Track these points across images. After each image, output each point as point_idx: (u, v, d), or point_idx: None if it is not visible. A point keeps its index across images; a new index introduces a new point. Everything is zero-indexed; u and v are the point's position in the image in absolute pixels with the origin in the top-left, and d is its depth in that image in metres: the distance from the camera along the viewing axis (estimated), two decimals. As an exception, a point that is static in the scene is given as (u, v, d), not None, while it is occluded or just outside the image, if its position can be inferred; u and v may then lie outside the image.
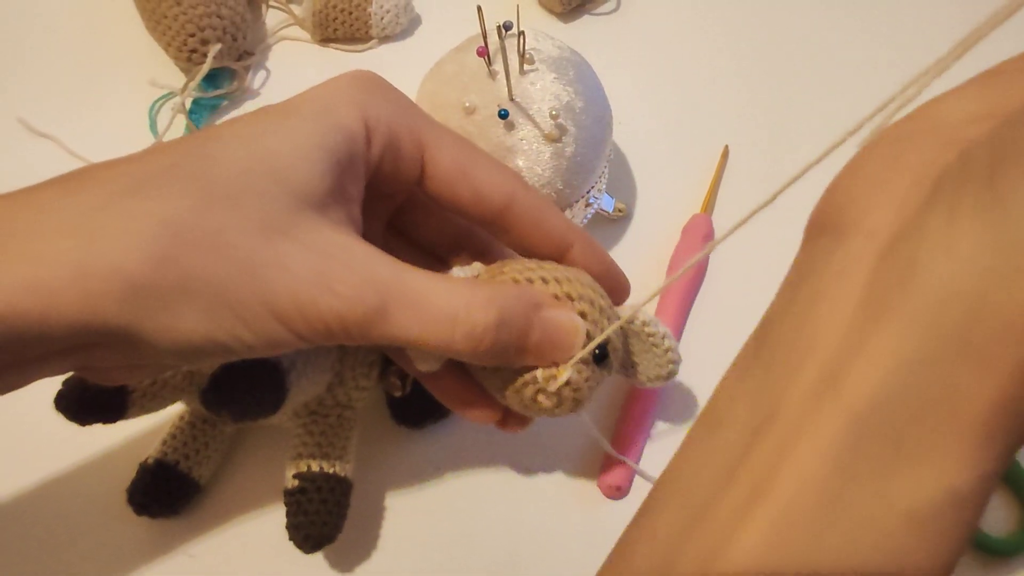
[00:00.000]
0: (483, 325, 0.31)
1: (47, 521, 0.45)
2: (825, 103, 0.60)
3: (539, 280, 0.34)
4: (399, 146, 0.34)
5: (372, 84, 0.35)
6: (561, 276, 0.34)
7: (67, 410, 0.39)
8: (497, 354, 0.32)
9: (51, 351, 0.29)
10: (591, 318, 0.34)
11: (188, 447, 0.44)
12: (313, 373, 0.39)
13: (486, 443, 0.47)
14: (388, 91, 0.35)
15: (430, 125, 0.36)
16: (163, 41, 0.58)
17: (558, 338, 0.33)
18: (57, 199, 0.28)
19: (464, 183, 0.35)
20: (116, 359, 0.30)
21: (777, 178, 0.24)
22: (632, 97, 0.58)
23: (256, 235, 0.29)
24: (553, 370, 0.34)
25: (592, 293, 0.35)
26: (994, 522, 0.45)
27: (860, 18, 0.64)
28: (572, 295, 0.34)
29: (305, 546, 0.40)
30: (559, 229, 0.37)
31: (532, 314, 0.32)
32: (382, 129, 0.34)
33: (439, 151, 0.35)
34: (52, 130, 0.57)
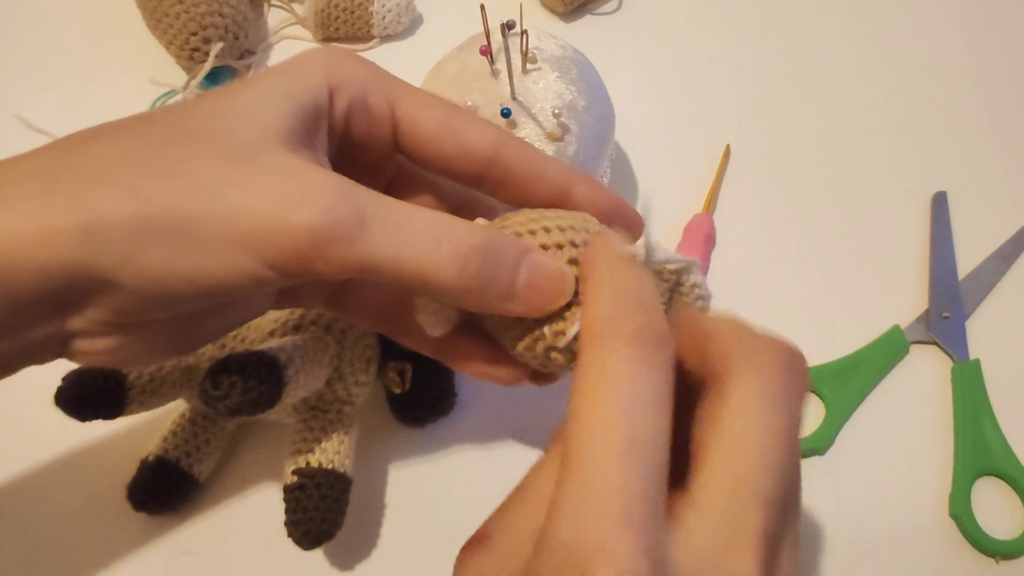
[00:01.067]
0: (469, 244, 0.29)
1: (47, 517, 0.45)
2: (826, 102, 0.60)
3: (541, 230, 0.32)
4: (367, 101, 0.34)
5: (340, 51, 0.35)
6: (565, 224, 0.33)
7: (66, 406, 0.39)
8: (484, 287, 0.30)
9: (25, 316, 0.28)
10: None
11: (189, 444, 0.44)
12: (312, 368, 0.39)
13: (486, 439, 0.47)
14: (357, 58, 0.35)
15: (403, 85, 0.35)
16: (165, 39, 0.58)
17: (545, 284, 0.31)
18: (29, 153, 0.29)
19: (448, 137, 0.34)
20: (97, 318, 0.29)
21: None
22: (634, 96, 0.58)
23: (219, 161, 0.28)
24: (561, 324, 0.32)
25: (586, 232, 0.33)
26: (998, 525, 0.45)
27: (861, 17, 0.64)
28: (576, 241, 0.32)
29: (304, 543, 0.40)
30: (555, 173, 0.35)
31: (519, 256, 0.31)
32: (346, 86, 0.33)
33: (416, 109, 0.34)
34: (52, 127, 0.57)
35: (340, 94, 0.33)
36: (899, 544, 0.45)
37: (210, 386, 0.34)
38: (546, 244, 0.32)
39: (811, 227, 0.55)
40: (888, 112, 0.60)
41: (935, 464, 0.47)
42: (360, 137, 0.35)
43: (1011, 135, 0.59)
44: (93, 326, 0.30)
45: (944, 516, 0.46)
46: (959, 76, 0.62)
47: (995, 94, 0.61)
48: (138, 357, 0.32)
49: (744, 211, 0.56)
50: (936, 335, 0.51)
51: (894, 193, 0.57)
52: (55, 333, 0.29)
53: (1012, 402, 0.49)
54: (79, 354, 0.31)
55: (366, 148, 0.35)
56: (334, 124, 0.34)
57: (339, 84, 0.33)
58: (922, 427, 0.49)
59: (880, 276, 0.54)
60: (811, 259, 0.54)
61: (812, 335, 0.51)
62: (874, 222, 0.56)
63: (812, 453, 0.47)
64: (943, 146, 0.59)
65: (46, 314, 0.28)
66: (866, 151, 0.58)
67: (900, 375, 0.50)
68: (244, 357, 0.35)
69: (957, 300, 0.52)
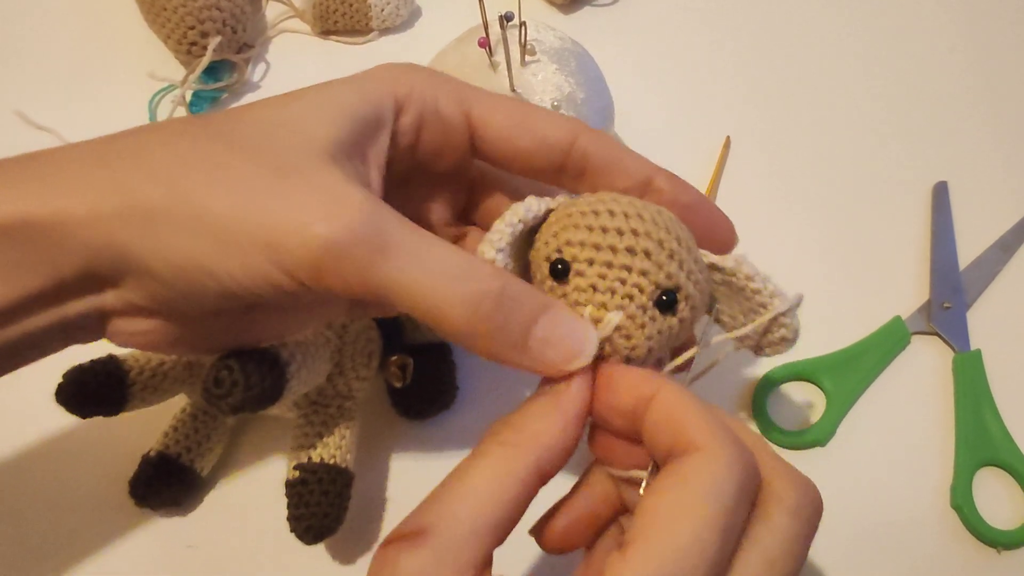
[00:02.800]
0: (486, 288, 0.28)
1: (50, 513, 0.45)
2: (826, 93, 0.60)
3: (606, 212, 0.31)
4: (439, 110, 0.34)
5: (409, 64, 0.35)
6: (631, 211, 0.31)
7: (67, 403, 0.39)
8: (494, 334, 0.29)
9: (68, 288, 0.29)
10: (655, 259, 0.30)
11: (190, 439, 0.44)
12: (313, 364, 0.39)
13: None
14: (426, 69, 0.35)
15: (474, 90, 0.35)
16: (162, 33, 0.58)
17: (562, 342, 0.29)
18: (86, 141, 0.31)
19: (524, 132, 0.34)
20: (132, 300, 0.30)
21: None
22: (633, 88, 0.58)
23: (263, 170, 0.29)
24: (602, 312, 0.30)
25: (660, 231, 0.31)
26: (1000, 515, 0.45)
27: (861, 8, 0.64)
28: (639, 231, 0.30)
29: (306, 537, 0.40)
30: (633, 163, 0.34)
31: (540, 309, 0.29)
32: (416, 96, 0.33)
33: (490, 110, 0.34)
34: (51, 123, 0.57)
35: (409, 106, 0.33)
36: (900, 535, 0.45)
37: (212, 384, 0.34)
38: (606, 227, 0.31)
39: (811, 218, 0.55)
40: (889, 102, 0.60)
41: (936, 455, 0.47)
42: (433, 146, 0.35)
43: (1012, 125, 0.59)
44: (129, 307, 0.31)
45: (946, 507, 0.46)
46: (959, 66, 0.62)
47: (996, 83, 0.61)
48: (174, 345, 0.33)
49: (744, 202, 0.55)
50: (937, 326, 0.51)
51: (895, 183, 0.57)
52: (94, 309, 0.31)
53: (1013, 392, 0.49)
54: (116, 334, 0.32)
55: (440, 156, 0.35)
56: (402, 137, 0.34)
57: (408, 96, 0.33)
58: (923, 418, 0.49)
59: (881, 267, 0.53)
60: (812, 250, 0.54)
61: (813, 326, 0.50)
62: (875, 213, 0.55)
63: (813, 444, 0.47)
64: (944, 136, 0.59)
65: (86, 288, 0.30)
66: (866, 141, 0.58)
67: (901, 366, 0.50)
68: (245, 354, 0.35)
69: (958, 290, 0.52)
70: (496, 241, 0.32)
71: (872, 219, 0.55)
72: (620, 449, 0.31)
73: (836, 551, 0.45)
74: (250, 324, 0.34)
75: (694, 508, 0.25)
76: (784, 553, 0.27)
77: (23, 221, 0.28)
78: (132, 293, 0.30)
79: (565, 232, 0.31)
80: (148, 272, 0.29)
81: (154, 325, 0.32)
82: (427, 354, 0.46)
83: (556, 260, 0.31)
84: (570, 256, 0.31)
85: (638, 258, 0.30)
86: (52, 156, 0.30)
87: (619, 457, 0.31)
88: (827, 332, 0.50)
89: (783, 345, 0.35)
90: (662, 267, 0.31)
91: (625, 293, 0.30)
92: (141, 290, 0.30)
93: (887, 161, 0.57)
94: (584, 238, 0.31)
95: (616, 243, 0.30)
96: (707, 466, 0.26)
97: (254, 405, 0.35)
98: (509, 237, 0.32)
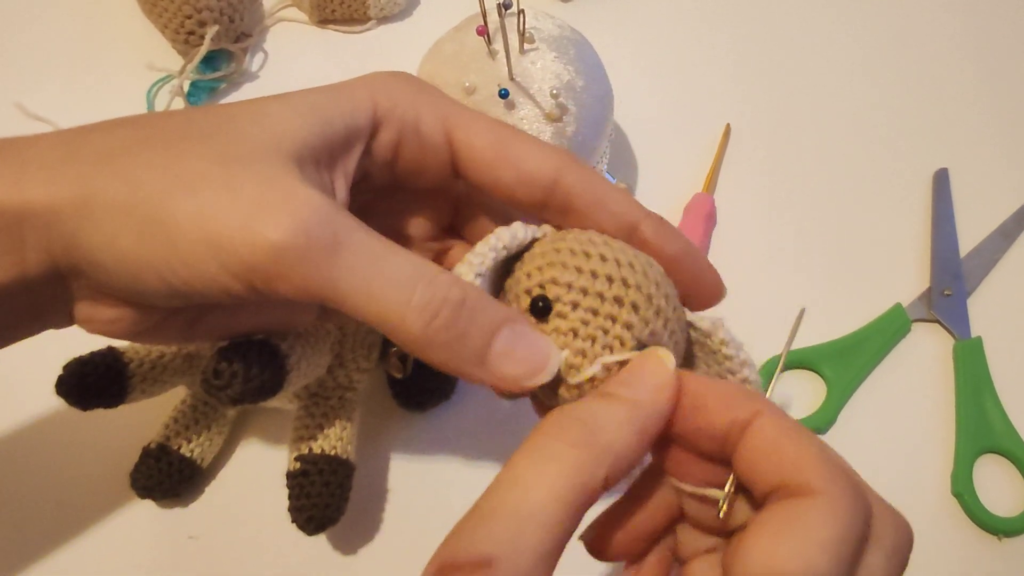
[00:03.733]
0: (443, 297, 0.27)
1: (51, 505, 0.45)
2: (827, 80, 0.60)
3: (597, 256, 0.30)
4: (420, 129, 0.33)
5: (394, 76, 0.33)
6: (623, 259, 0.30)
7: (68, 395, 0.39)
8: (451, 344, 0.27)
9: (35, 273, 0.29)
10: (642, 314, 0.30)
11: (190, 430, 0.44)
12: (313, 356, 0.39)
13: (488, 424, 0.47)
14: (413, 81, 0.34)
15: (460, 109, 0.33)
16: (160, 23, 0.58)
17: (525, 356, 0.28)
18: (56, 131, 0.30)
19: (505, 162, 0.32)
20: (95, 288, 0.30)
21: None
22: (633, 76, 0.58)
23: (209, 161, 0.28)
24: (579, 359, 0.29)
25: (650, 286, 0.30)
26: (1000, 502, 0.45)
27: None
28: (629, 282, 0.30)
29: (308, 528, 0.40)
30: (619, 206, 0.32)
31: (501, 321, 0.28)
32: (397, 113, 0.32)
33: (472, 134, 0.33)
34: (48, 114, 0.57)
35: (389, 121, 0.32)
36: (901, 522, 0.45)
37: (212, 375, 0.34)
38: (596, 272, 0.30)
39: (812, 206, 0.55)
40: (889, 89, 0.60)
41: (937, 442, 0.47)
42: (413, 164, 0.34)
43: (1013, 112, 0.59)
44: (93, 295, 0.30)
45: (946, 494, 0.46)
46: (960, 53, 0.61)
47: (997, 70, 0.61)
48: (144, 335, 0.32)
49: (745, 190, 0.55)
50: (938, 313, 0.51)
51: (895, 171, 0.56)
52: (62, 295, 0.31)
53: (1014, 379, 0.49)
54: (84, 322, 0.32)
55: (420, 175, 0.34)
56: (380, 153, 0.33)
57: (389, 110, 0.32)
58: (924, 405, 0.49)
59: (881, 254, 0.53)
60: (812, 238, 0.54)
61: (813, 314, 0.50)
62: (875, 200, 0.55)
63: (814, 432, 0.47)
64: (944, 123, 0.58)
65: (51, 278, 0.29)
66: (867, 129, 0.58)
67: (902, 353, 0.50)
68: (245, 345, 0.35)
69: (959, 278, 0.52)
70: (477, 265, 0.30)
71: (873, 206, 0.55)
72: (697, 467, 0.29)
73: (837, 539, 0.45)
74: (218, 319, 0.33)
75: (818, 561, 0.24)
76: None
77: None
78: (92, 283, 0.30)
79: (551, 269, 0.30)
80: (99, 266, 0.28)
81: (120, 314, 0.31)
82: (427, 344, 0.46)
83: (538, 296, 0.30)
84: (554, 295, 0.30)
85: (624, 310, 0.30)
86: (24, 145, 0.29)
87: (694, 473, 0.29)
88: (827, 320, 0.50)
89: None
90: (648, 323, 0.30)
91: (605, 344, 0.29)
92: (97, 281, 0.29)
93: (888, 148, 0.57)
94: (572, 280, 0.30)
95: (605, 291, 0.30)
96: (830, 516, 0.25)
97: (254, 397, 0.35)
98: (491, 262, 0.31)
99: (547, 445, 0.26)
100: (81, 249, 0.28)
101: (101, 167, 0.28)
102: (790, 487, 0.26)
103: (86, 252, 0.28)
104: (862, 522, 0.25)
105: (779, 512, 0.25)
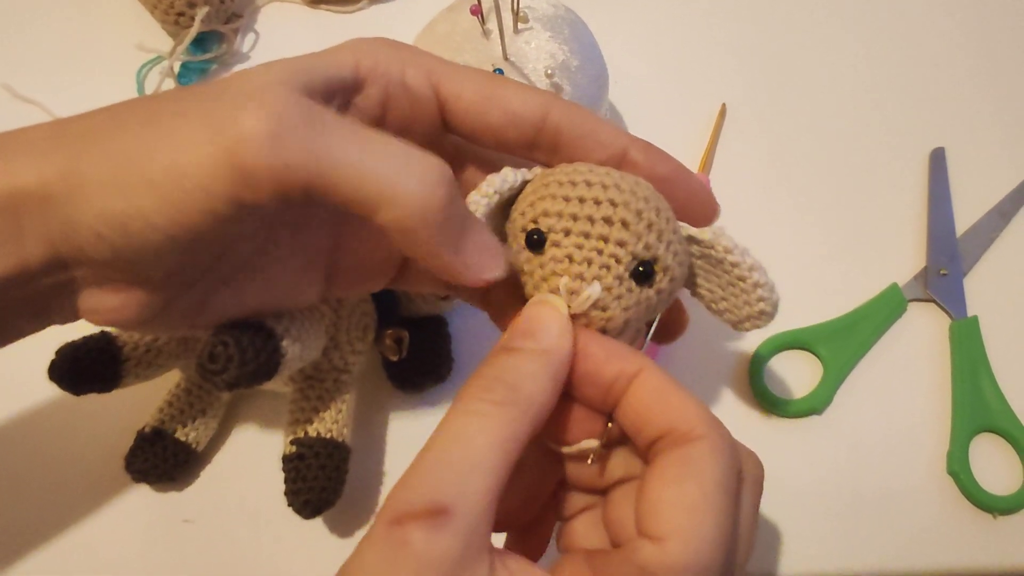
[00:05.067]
0: (441, 171, 0.28)
1: (46, 490, 0.45)
2: (822, 59, 0.59)
3: (583, 183, 0.31)
4: (407, 83, 0.33)
5: (375, 38, 0.34)
6: (608, 181, 0.31)
7: (61, 380, 0.39)
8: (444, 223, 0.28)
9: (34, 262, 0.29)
10: (633, 230, 0.30)
11: (185, 414, 0.44)
12: (308, 338, 0.38)
13: (484, 407, 0.47)
14: (393, 42, 0.34)
15: (443, 63, 0.34)
16: (150, 4, 0.57)
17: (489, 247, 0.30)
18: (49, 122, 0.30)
19: (493, 106, 0.33)
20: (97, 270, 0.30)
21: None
22: (628, 55, 0.57)
23: (181, 109, 0.28)
24: (579, 283, 0.30)
25: (638, 201, 0.30)
26: (996, 481, 0.45)
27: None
28: (616, 201, 0.30)
29: (304, 512, 0.40)
30: (607, 135, 0.33)
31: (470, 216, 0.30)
32: (381, 70, 0.33)
33: (459, 84, 0.33)
34: (38, 96, 0.57)
35: (373, 78, 0.33)
36: (897, 502, 0.45)
37: (207, 359, 0.33)
38: (583, 197, 0.30)
39: (808, 185, 0.55)
40: (886, 68, 0.59)
41: (933, 421, 0.47)
42: (401, 120, 0.34)
43: (1010, 91, 0.59)
44: (96, 280, 0.30)
45: (942, 473, 0.46)
46: (957, 32, 0.61)
47: (993, 49, 0.60)
48: (149, 322, 0.32)
49: (740, 170, 0.55)
50: (934, 292, 0.51)
51: (892, 150, 0.56)
52: (64, 289, 0.30)
53: (1010, 359, 0.49)
54: (89, 312, 0.31)
55: (409, 131, 0.34)
56: (367, 111, 0.33)
57: (372, 68, 0.32)
58: (920, 385, 0.49)
59: (877, 234, 0.53)
60: (808, 218, 0.54)
61: (809, 294, 0.50)
62: (872, 179, 0.55)
63: (810, 413, 0.47)
64: (941, 102, 0.58)
65: (53, 268, 0.29)
66: (863, 108, 0.58)
67: (898, 333, 0.50)
68: (240, 328, 0.34)
69: (955, 257, 0.52)
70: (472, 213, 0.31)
71: (869, 186, 0.55)
72: (570, 432, 0.31)
73: (833, 517, 0.45)
74: (224, 300, 0.33)
75: (715, 499, 0.27)
76: (750, 523, 0.29)
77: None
78: (93, 265, 0.29)
79: (541, 203, 0.31)
80: (98, 237, 0.28)
81: (125, 299, 0.31)
82: (423, 327, 0.46)
83: (532, 231, 0.31)
84: (546, 227, 0.31)
85: (615, 228, 0.30)
86: (9, 137, 0.29)
87: (567, 430, 0.31)
88: (823, 300, 0.50)
89: (762, 319, 0.34)
90: (640, 238, 0.30)
91: (602, 264, 0.30)
92: (98, 260, 0.29)
93: (884, 127, 0.57)
94: (560, 208, 0.31)
95: (593, 213, 0.30)
96: (715, 457, 0.27)
97: (249, 380, 0.34)
98: (485, 208, 0.32)
99: (477, 407, 0.28)
100: (78, 227, 0.28)
101: (86, 144, 0.28)
102: (675, 434, 0.28)
103: (83, 229, 0.28)
104: (737, 460, 0.29)
105: (675, 459, 0.28)
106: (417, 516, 0.25)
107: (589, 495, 0.33)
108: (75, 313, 0.32)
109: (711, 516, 0.27)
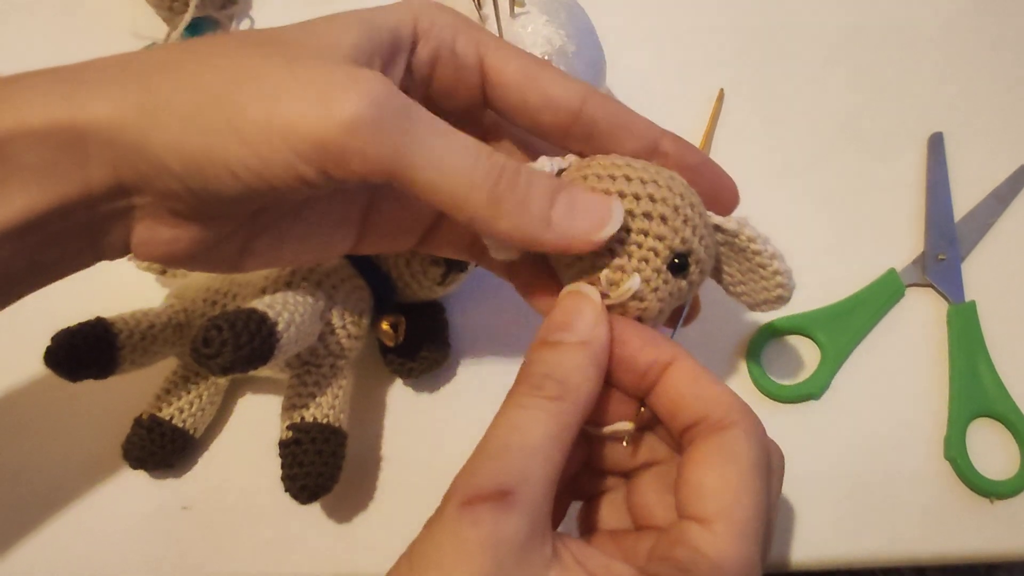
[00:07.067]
0: (503, 163, 0.29)
1: (43, 477, 0.45)
2: (820, 43, 0.59)
3: (622, 177, 0.32)
4: (456, 49, 0.34)
5: (435, 2, 0.35)
6: (647, 176, 0.32)
7: (57, 365, 0.39)
8: (518, 209, 0.29)
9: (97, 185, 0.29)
10: (671, 224, 0.32)
11: (182, 401, 0.44)
12: (303, 323, 0.38)
13: (481, 389, 0.47)
14: (448, 8, 0.35)
15: (493, 37, 0.35)
16: (144, -11, 0.57)
17: (588, 208, 0.30)
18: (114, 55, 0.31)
19: (533, 88, 0.34)
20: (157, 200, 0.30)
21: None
22: (625, 40, 0.57)
23: (272, 60, 0.29)
24: (619, 275, 0.32)
25: (675, 197, 0.32)
26: (993, 466, 0.45)
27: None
28: (655, 196, 0.31)
29: (301, 497, 0.40)
30: (641, 127, 0.34)
31: (558, 187, 0.30)
32: (435, 31, 0.34)
33: (503, 59, 0.34)
34: (33, 82, 0.56)
35: (427, 38, 0.34)
36: (895, 486, 0.45)
37: (201, 344, 0.33)
38: (623, 192, 0.32)
39: (806, 170, 0.55)
40: (884, 53, 0.59)
41: (931, 406, 0.47)
42: (447, 83, 0.35)
43: (1008, 75, 0.58)
44: (156, 211, 0.31)
45: (939, 458, 0.46)
46: (956, 16, 0.61)
47: (992, 34, 0.60)
48: (197, 259, 0.33)
49: (738, 155, 0.55)
50: (932, 277, 0.50)
51: (890, 134, 0.56)
52: (123, 214, 0.31)
53: (1007, 343, 0.49)
54: (140, 245, 0.32)
55: (453, 96, 0.35)
56: (418, 68, 0.34)
57: (428, 28, 0.33)
58: (918, 370, 0.49)
59: (875, 219, 0.53)
60: (806, 203, 0.54)
61: (807, 279, 0.50)
62: (870, 164, 0.55)
63: (808, 398, 0.47)
64: (940, 87, 0.58)
65: (114, 195, 0.30)
66: (861, 92, 0.58)
67: (896, 318, 0.50)
68: (234, 315, 0.34)
69: (953, 242, 0.52)
70: None
71: (867, 171, 0.55)
72: (607, 403, 0.32)
73: (830, 502, 0.45)
74: (266, 246, 0.34)
75: (752, 483, 0.29)
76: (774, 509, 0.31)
77: (53, 126, 0.28)
78: (154, 197, 0.30)
79: None
80: (167, 171, 0.29)
81: (179, 234, 0.32)
82: (420, 313, 0.46)
83: None
84: None
85: (655, 223, 0.31)
86: (78, 68, 0.30)
87: (603, 413, 0.32)
88: (821, 285, 0.50)
89: (779, 303, 0.36)
90: (677, 232, 0.32)
91: (641, 256, 0.32)
92: (164, 189, 0.30)
93: (882, 112, 0.57)
94: None
95: (633, 208, 0.31)
96: (750, 442, 0.29)
97: (244, 365, 0.34)
98: None
99: (532, 402, 0.29)
100: (148, 157, 0.29)
101: (164, 75, 0.29)
102: (711, 420, 0.30)
103: (153, 159, 0.29)
104: (767, 445, 0.30)
105: (713, 446, 0.29)
106: (486, 498, 0.27)
107: (610, 478, 0.35)
108: (126, 246, 0.32)
109: (750, 498, 0.29)
